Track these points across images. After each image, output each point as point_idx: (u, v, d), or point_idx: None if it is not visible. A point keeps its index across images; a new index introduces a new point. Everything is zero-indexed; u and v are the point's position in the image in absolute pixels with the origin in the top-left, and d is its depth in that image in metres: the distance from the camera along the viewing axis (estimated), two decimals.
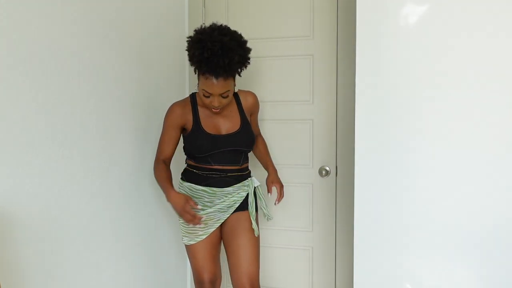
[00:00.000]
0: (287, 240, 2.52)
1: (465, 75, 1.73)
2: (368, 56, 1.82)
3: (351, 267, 2.25)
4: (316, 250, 2.48)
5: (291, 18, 2.43)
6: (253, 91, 2.10)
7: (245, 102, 2.00)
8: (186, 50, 1.81)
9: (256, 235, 1.95)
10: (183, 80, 2.57)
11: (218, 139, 1.91)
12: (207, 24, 1.80)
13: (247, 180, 2.01)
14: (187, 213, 1.83)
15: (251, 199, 1.98)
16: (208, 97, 1.80)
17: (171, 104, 2.46)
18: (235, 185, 1.98)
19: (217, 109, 1.86)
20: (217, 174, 1.96)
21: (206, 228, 1.96)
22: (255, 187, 2.03)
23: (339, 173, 2.40)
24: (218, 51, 1.66)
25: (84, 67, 1.70)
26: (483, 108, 1.72)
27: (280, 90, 2.47)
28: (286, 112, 2.46)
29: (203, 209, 1.93)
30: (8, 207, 1.37)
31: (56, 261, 1.58)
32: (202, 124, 1.92)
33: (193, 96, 2.00)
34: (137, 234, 2.09)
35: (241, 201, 1.97)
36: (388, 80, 1.81)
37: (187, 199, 1.85)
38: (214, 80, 1.72)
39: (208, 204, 1.96)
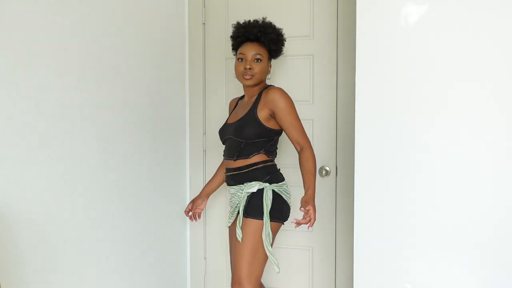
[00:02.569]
0: (287, 240, 2.52)
1: (466, 75, 1.73)
2: (368, 56, 1.82)
3: (351, 267, 2.25)
4: (316, 250, 2.48)
5: (291, 18, 2.43)
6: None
7: (264, 96, 1.89)
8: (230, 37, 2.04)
9: (239, 241, 1.86)
10: (183, 80, 2.57)
11: (225, 128, 2.00)
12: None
13: (244, 184, 1.91)
14: None
15: (241, 206, 1.89)
16: (242, 60, 1.92)
17: (170, 104, 2.48)
18: (234, 186, 1.97)
19: (249, 76, 1.90)
20: (226, 171, 2.02)
21: (230, 218, 2.04)
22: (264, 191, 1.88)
23: (339, 173, 2.40)
24: (255, 21, 1.97)
25: (84, 68, 1.70)
26: (484, 108, 1.72)
27: None
28: None
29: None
30: (8, 207, 1.37)
31: (56, 261, 1.58)
32: (230, 115, 2.07)
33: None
34: (137, 234, 2.09)
35: (237, 204, 1.93)
36: (388, 80, 1.81)
37: None
38: (249, 43, 1.94)
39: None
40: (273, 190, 1.89)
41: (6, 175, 1.36)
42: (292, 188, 2.11)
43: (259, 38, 1.92)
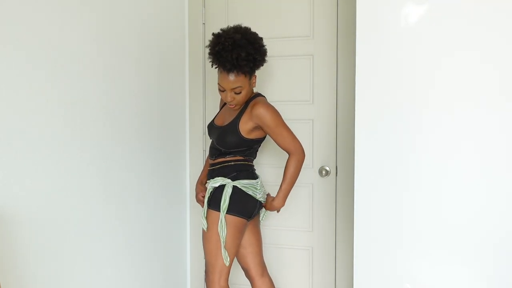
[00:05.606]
0: (287, 240, 2.52)
1: (467, 75, 1.73)
2: (368, 56, 1.82)
3: (351, 267, 2.25)
4: (316, 250, 2.48)
5: (291, 18, 2.43)
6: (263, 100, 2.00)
7: (250, 110, 1.92)
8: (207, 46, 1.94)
9: (205, 230, 1.97)
10: (183, 80, 2.57)
11: (212, 128, 2.06)
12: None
13: (216, 178, 1.97)
14: None
15: (206, 198, 1.99)
16: (223, 91, 1.90)
17: (170, 104, 2.48)
18: (209, 180, 2.01)
19: (233, 105, 1.92)
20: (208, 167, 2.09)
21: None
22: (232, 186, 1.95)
23: (339, 173, 2.40)
24: (228, 47, 1.80)
25: (84, 68, 1.70)
26: (484, 109, 1.72)
27: (280, 90, 2.47)
28: (286, 112, 2.44)
29: None
30: (8, 207, 1.37)
31: (56, 260, 1.58)
32: (217, 115, 2.10)
33: None
34: (137, 234, 2.10)
35: (208, 196, 1.98)
36: (388, 80, 1.81)
37: None
38: (226, 75, 1.86)
39: None
40: (236, 186, 1.93)
41: (6, 175, 1.36)
42: (273, 188, 2.13)
43: (233, 71, 1.84)
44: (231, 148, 1.94)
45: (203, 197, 2.06)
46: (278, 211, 2.04)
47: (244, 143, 1.94)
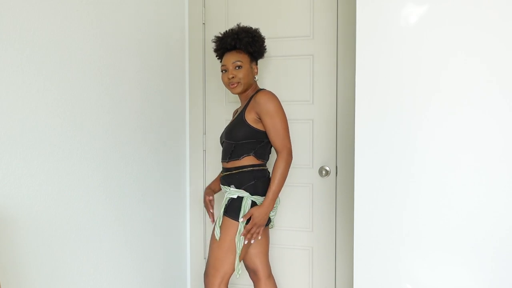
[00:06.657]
0: (287, 240, 2.52)
1: (467, 76, 1.73)
2: (368, 56, 1.82)
3: (351, 267, 2.26)
4: (316, 250, 2.48)
5: (291, 18, 2.43)
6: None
7: (253, 100, 1.95)
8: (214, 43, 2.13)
9: (217, 239, 1.95)
10: (183, 80, 2.57)
11: (223, 132, 2.09)
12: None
13: (230, 187, 1.97)
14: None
15: (222, 208, 1.97)
16: (226, 71, 2.01)
17: (170, 103, 2.48)
18: (224, 186, 2.01)
19: (233, 84, 1.98)
20: (222, 171, 2.09)
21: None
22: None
23: (339, 173, 2.40)
24: (229, 31, 2.03)
25: (85, 68, 1.70)
26: (485, 109, 1.72)
27: (280, 90, 2.47)
28: (286, 112, 2.46)
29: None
30: (9, 207, 1.37)
31: (56, 261, 1.58)
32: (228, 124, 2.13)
33: None
34: (137, 234, 2.10)
35: (225, 204, 1.96)
36: (388, 79, 1.81)
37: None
38: (228, 53, 2.03)
39: None
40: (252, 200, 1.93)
41: (6, 175, 1.36)
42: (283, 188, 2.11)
43: (235, 46, 1.99)
44: (241, 140, 1.93)
45: (210, 200, 2.12)
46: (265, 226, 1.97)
47: (252, 134, 1.92)
